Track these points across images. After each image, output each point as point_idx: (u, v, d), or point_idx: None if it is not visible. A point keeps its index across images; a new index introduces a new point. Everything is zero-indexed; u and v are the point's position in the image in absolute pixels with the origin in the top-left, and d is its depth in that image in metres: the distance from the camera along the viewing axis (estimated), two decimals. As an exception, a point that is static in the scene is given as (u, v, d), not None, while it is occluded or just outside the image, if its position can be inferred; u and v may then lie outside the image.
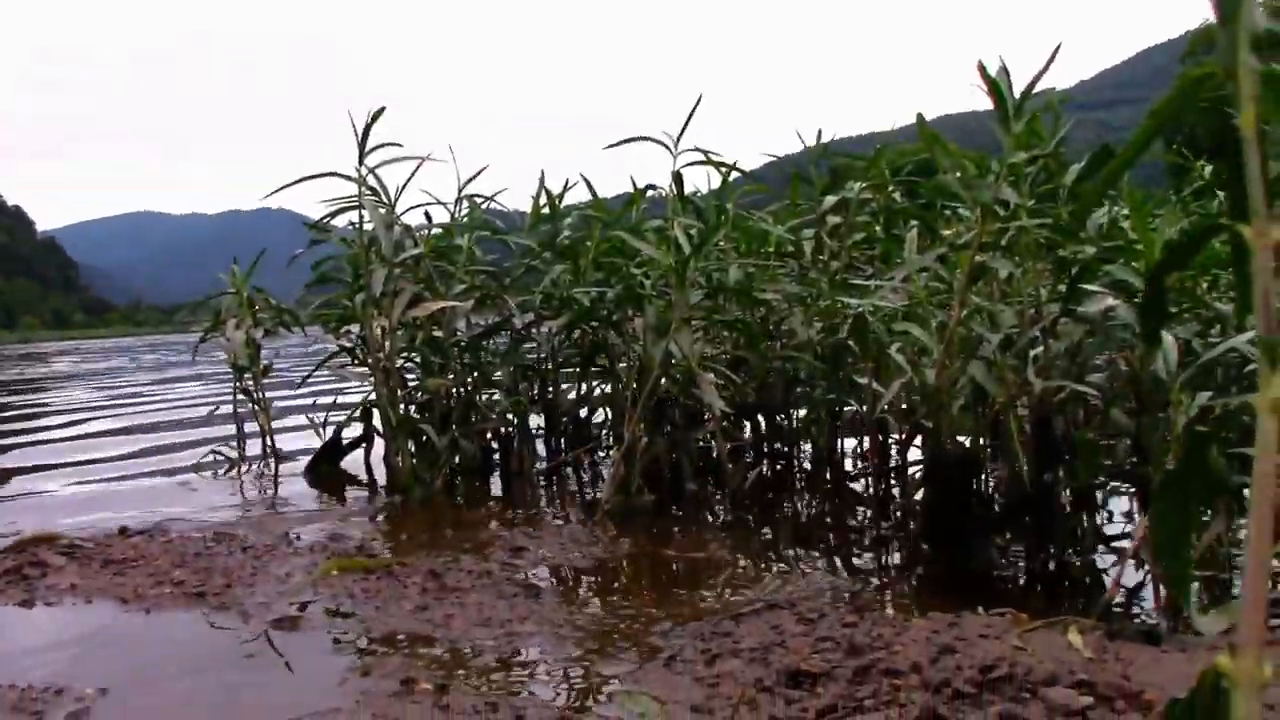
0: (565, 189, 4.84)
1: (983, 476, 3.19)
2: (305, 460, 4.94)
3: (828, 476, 4.16)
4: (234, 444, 5.27)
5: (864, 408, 3.64)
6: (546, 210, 4.83)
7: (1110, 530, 3.22)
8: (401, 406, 4.40)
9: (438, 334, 4.55)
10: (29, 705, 1.97)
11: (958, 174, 3.00)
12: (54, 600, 2.74)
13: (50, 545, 3.24)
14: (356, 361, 4.78)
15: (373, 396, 4.45)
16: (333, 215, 4.34)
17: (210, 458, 5.18)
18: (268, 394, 5.22)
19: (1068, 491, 3.02)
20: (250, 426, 5.24)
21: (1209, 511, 2.48)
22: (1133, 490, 3.51)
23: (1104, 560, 2.90)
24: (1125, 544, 3.04)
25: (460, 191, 4.69)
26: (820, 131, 4.41)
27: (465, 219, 4.74)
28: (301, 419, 5.31)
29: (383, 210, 4.27)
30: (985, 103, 2.86)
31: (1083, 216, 2.90)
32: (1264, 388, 0.64)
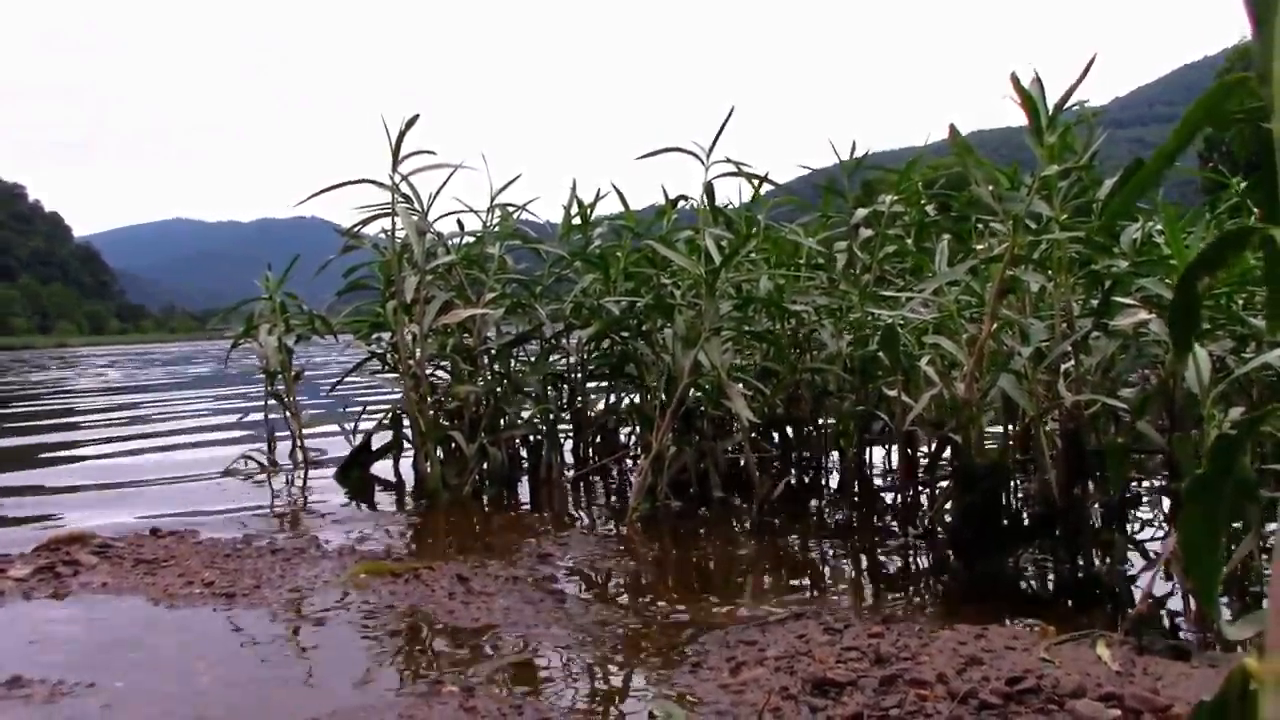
0: (597, 199, 4.87)
1: (1012, 489, 3.17)
2: (335, 465, 4.98)
3: (856, 488, 4.15)
4: (265, 448, 5.31)
5: (893, 420, 3.63)
6: (578, 220, 4.86)
7: (1141, 544, 3.19)
8: (431, 413, 4.42)
9: (468, 341, 4.58)
10: (61, 699, 1.99)
11: (990, 187, 3.00)
12: (86, 598, 2.77)
13: (83, 544, 3.28)
14: (387, 368, 4.81)
15: (403, 402, 4.48)
16: (365, 222, 4.38)
17: (242, 462, 5.22)
18: (299, 399, 5.27)
19: (1097, 504, 3.00)
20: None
21: (1241, 523, 2.46)
22: (1163, 504, 3.49)
23: (1134, 573, 2.88)
24: (1155, 557, 3.02)
25: (492, 200, 4.72)
26: (854, 144, 4.41)
27: (497, 227, 4.76)
28: (332, 424, 5.34)
29: (415, 217, 4.30)
30: (1020, 118, 2.85)
31: (1113, 225, 2.88)
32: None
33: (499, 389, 4.63)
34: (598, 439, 4.84)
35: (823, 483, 4.37)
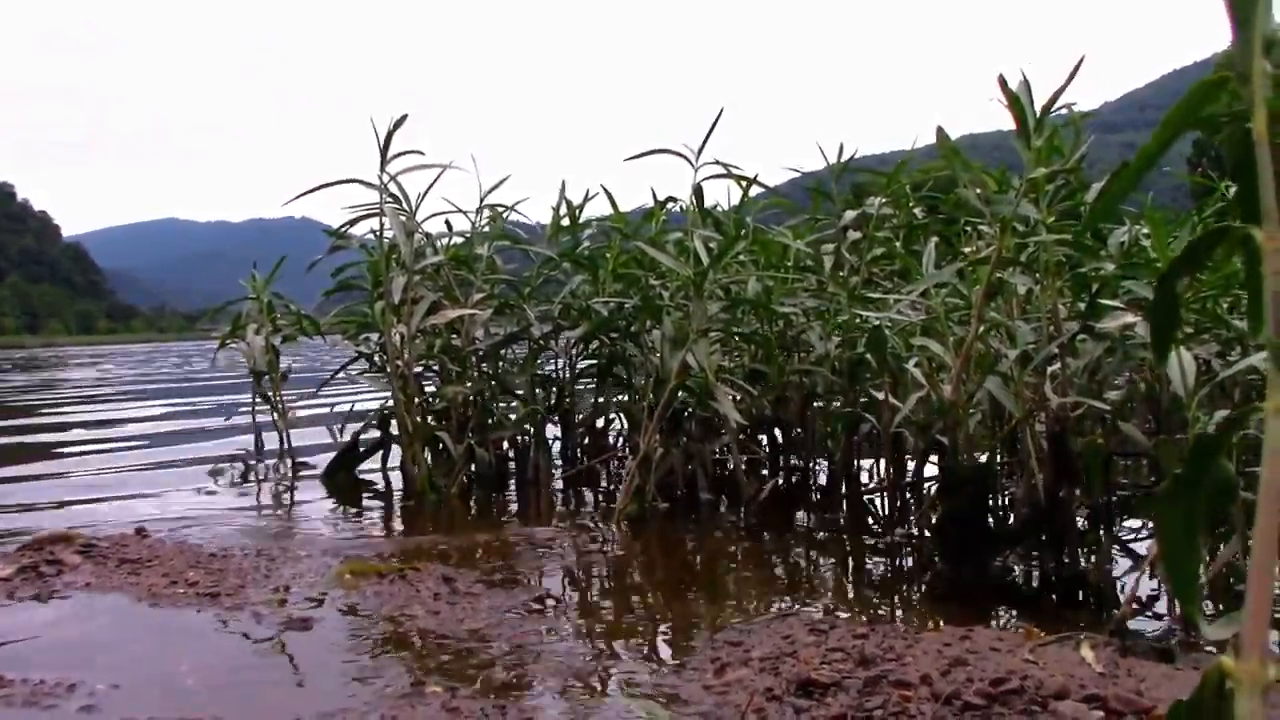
0: (586, 200, 4.86)
1: (998, 491, 3.18)
2: (322, 466, 4.96)
3: (843, 490, 4.15)
4: (251, 448, 5.28)
5: (881, 422, 3.63)
6: (566, 221, 4.85)
7: (1127, 545, 3.20)
8: (419, 414, 4.41)
9: (456, 342, 4.57)
10: (41, 700, 1.98)
11: (978, 189, 3.00)
12: (69, 598, 2.76)
13: (67, 544, 3.26)
14: (375, 368, 4.80)
15: (390, 403, 4.46)
16: (353, 222, 4.36)
17: (228, 462, 5.19)
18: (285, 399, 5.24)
19: (1084, 507, 3.00)
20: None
21: (1225, 527, 2.47)
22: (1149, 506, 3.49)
23: (1120, 575, 2.88)
24: (1141, 559, 3.02)
25: (481, 200, 4.71)
26: (841, 147, 4.40)
27: (486, 228, 4.76)
28: (320, 424, 5.32)
29: (403, 217, 4.29)
30: (1010, 121, 2.84)
31: (1100, 228, 2.88)
32: (1271, 392, 0.64)
33: (487, 390, 4.62)
34: (586, 440, 4.83)
35: (810, 485, 4.37)
